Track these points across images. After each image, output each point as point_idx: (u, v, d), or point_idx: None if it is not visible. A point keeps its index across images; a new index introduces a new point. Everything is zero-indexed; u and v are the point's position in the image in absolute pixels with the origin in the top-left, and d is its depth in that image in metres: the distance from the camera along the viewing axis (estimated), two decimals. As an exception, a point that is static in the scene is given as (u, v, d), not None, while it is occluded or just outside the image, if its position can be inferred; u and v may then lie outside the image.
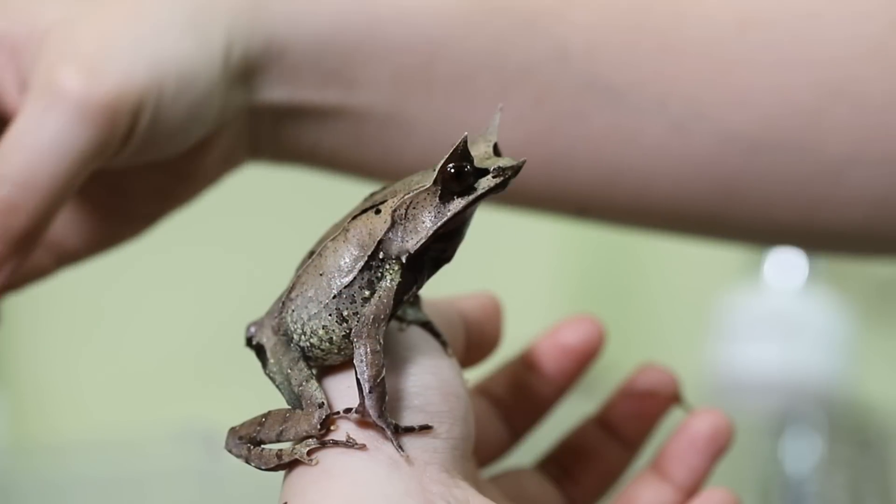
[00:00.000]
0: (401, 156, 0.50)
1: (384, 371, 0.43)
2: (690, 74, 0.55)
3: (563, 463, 0.56)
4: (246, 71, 0.53)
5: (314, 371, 0.45)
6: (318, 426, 0.43)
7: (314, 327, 0.45)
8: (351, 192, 0.50)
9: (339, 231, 0.45)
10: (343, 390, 0.44)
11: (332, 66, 0.54)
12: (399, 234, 0.44)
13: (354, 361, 0.43)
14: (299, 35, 0.54)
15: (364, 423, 0.43)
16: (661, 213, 0.57)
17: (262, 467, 0.44)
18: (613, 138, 0.56)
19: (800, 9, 0.55)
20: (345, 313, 0.44)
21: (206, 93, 0.51)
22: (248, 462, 0.44)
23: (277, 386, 0.45)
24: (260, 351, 0.46)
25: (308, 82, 0.55)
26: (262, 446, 0.44)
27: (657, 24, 0.54)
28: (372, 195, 0.46)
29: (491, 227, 0.74)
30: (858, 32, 0.55)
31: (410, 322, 0.47)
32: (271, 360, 0.45)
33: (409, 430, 0.43)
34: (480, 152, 0.44)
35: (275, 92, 0.54)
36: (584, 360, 0.55)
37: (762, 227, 0.59)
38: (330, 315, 0.44)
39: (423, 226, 0.44)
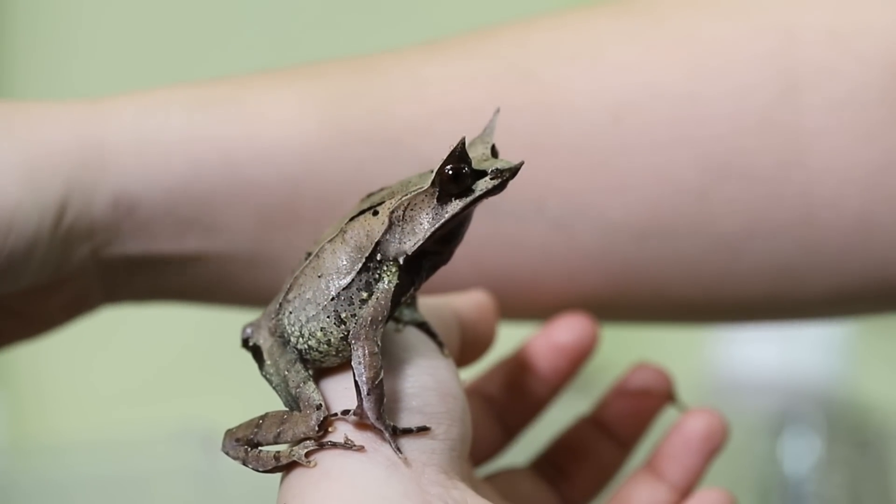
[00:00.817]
0: (272, 289, 0.49)
1: (382, 373, 0.43)
2: (566, 171, 0.54)
3: (558, 462, 0.57)
4: (90, 227, 0.52)
5: (311, 372, 0.45)
6: (316, 428, 0.43)
7: (312, 329, 0.45)
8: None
9: (336, 233, 0.45)
10: (341, 392, 0.44)
11: (189, 213, 0.53)
12: (397, 235, 0.44)
13: (352, 363, 0.43)
14: (151, 188, 0.52)
15: (362, 424, 0.43)
16: (553, 306, 0.56)
17: (260, 469, 0.44)
18: (494, 245, 0.55)
19: (675, 91, 0.54)
20: (343, 315, 0.44)
21: (31, 240, 0.50)
22: (245, 464, 0.44)
23: (274, 387, 0.45)
24: (256, 352, 0.46)
25: (164, 233, 0.53)
26: (260, 448, 0.44)
27: (527, 127, 0.53)
28: (369, 196, 0.46)
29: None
30: (743, 107, 0.54)
31: (407, 323, 0.47)
32: (268, 362, 0.45)
33: (408, 431, 0.43)
34: (478, 154, 0.44)
35: (128, 246, 0.53)
36: (577, 358, 0.56)
37: (662, 308, 0.58)
38: (328, 317, 0.44)
39: (421, 227, 0.44)
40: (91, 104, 0.53)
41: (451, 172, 0.43)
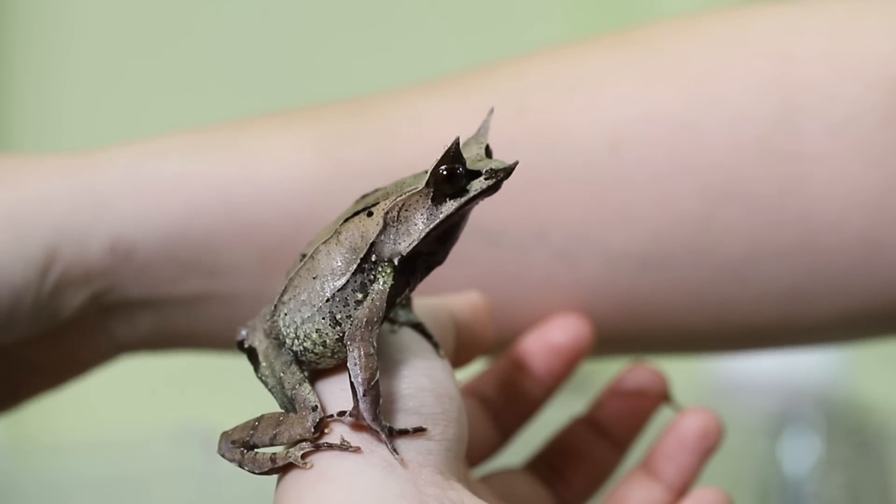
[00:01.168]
0: None
1: (378, 374, 0.43)
2: (567, 201, 0.55)
3: (553, 462, 0.57)
4: (86, 273, 0.52)
5: (307, 374, 0.45)
6: (312, 429, 0.43)
7: (307, 331, 0.44)
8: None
9: (331, 234, 0.45)
10: (336, 393, 0.44)
11: (189, 256, 0.53)
12: (391, 236, 0.44)
13: (348, 365, 0.43)
14: (148, 232, 0.52)
15: (358, 426, 0.43)
16: None
17: (256, 471, 0.44)
18: (498, 278, 0.55)
19: (673, 120, 0.54)
20: (338, 316, 0.44)
21: (16, 290, 0.50)
22: (241, 466, 0.44)
23: (270, 389, 0.45)
24: (251, 354, 0.46)
25: (165, 277, 0.53)
26: (256, 450, 0.44)
27: (526, 161, 0.53)
28: (364, 197, 0.46)
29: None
30: (739, 135, 0.54)
31: (402, 324, 0.47)
32: (263, 364, 0.45)
33: (404, 432, 0.43)
34: (472, 154, 0.44)
35: (129, 291, 0.53)
36: (572, 359, 0.56)
37: (671, 338, 0.58)
38: (323, 318, 0.44)
39: (416, 228, 0.44)
40: (84, 154, 0.53)
41: (445, 173, 0.43)
